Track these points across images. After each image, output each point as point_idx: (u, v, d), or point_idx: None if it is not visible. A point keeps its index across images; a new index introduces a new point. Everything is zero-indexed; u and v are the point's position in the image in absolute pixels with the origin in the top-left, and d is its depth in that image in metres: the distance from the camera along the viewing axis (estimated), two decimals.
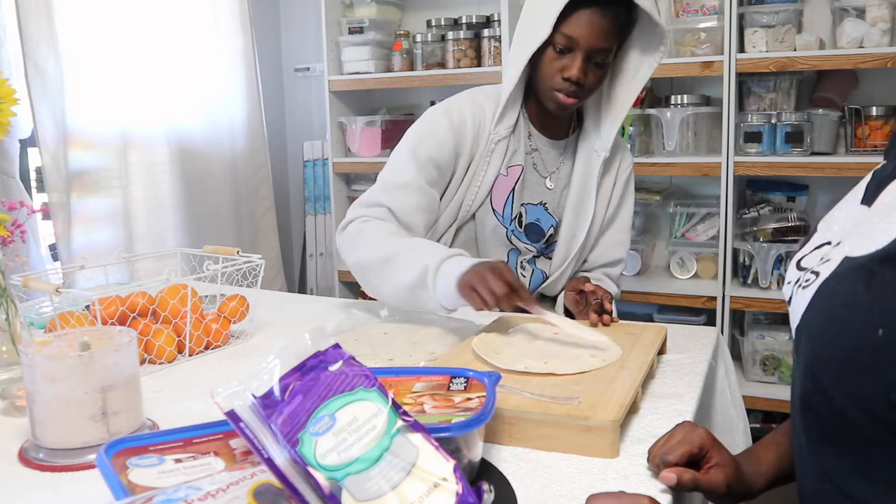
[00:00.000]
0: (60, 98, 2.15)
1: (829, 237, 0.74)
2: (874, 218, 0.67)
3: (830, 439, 0.67)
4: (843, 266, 0.65)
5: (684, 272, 2.52)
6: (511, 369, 1.00)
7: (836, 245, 0.70)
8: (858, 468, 0.65)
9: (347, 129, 2.89)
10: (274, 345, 1.26)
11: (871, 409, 0.61)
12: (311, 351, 0.66)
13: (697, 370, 1.10)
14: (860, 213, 0.70)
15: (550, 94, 1.38)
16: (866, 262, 0.62)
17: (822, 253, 0.72)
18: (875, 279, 0.60)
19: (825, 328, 0.64)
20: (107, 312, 1.15)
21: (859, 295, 0.61)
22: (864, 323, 0.60)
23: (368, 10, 2.82)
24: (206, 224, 2.70)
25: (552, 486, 0.78)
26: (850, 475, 0.66)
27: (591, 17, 1.30)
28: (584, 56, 1.32)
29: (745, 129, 2.28)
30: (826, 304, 0.65)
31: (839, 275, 0.65)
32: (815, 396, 0.67)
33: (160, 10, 2.48)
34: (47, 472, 0.82)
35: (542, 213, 1.51)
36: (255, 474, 0.61)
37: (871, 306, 0.60)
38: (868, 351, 0.59)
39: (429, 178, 1.42)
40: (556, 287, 1.56)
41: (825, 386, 0.65)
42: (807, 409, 0.69)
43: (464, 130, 1.43)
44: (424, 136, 1.44)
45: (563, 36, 1.32)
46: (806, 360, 0.67)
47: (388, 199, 1.38)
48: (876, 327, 0.59)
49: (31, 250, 2.08)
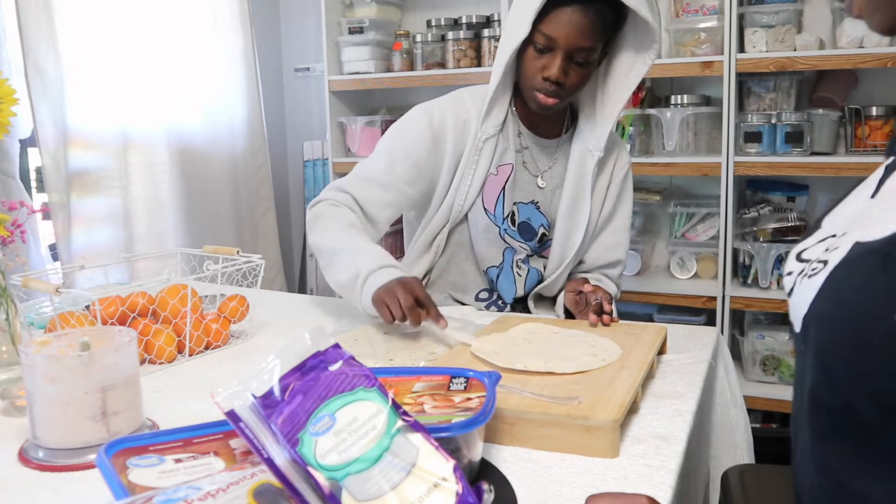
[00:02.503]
0: (60, 98, 2.14)
1: (834, 230, 0.73)
2: (883, 203, 0.66)
3: (837, 434, 0.66)
4: (855, 251, 0.63)
5: (684, 272, 2.51)
6: (511, 368, 1.00)
7: (843, 235, 0.69)
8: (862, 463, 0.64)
9: (347, 129, 2.90)
10: (274, 345, 1.26)
11: (883, 397, 0.60)
12: (311, 351, 0.66)
13: (697, 370, 1.10)
14: (866, 205, 0.70)
15: (531, 94, 1.38)
16: (882, 245, 0.61)
17: (828, 244, 0.71)
18: (891, 262, 0.59)
19: (837, 314, 0.62)
20: (107, 312, 1.15)
21: (875, 279, 0.60)
22: (878, 306, 0.58)
23: (368, 10, 2.82)
24: (206, 224, 2.70)
25: (552, 486, 0.78)
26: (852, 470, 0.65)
27: (570, 15, 1.29)
28: (563, 55, 1.32)
29: (745, 129, 2.28)
30: (838, 290, 0.63)
31: (851, 260, 0.63)
32: (823, 389, 0.65)
33: (160, 10, 2.48)
34: (47, 472, 0.82)
35: (533, 212, 1.51)
36: (255, 474, 0.61)
37: (885, 289, 0.58)
38: (883, 335, 0.58)
39: (402, 175, 1.44)
40: (554, 288, 1.55)
41: (836, 375, 0.63)
42: (816, 401, 0.67)
43: (444, 129, 1.44)
44: (400, 134, 1.47)
45: (542, 35, 1.31)
46: (816, 350, 0.65)
47: (355, 189, 1.44)
48: (892, 311, 0.57)
49: (31, 250, 2.08)
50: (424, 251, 1.53)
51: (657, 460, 0.83)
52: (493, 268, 1.53)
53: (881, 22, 0.70)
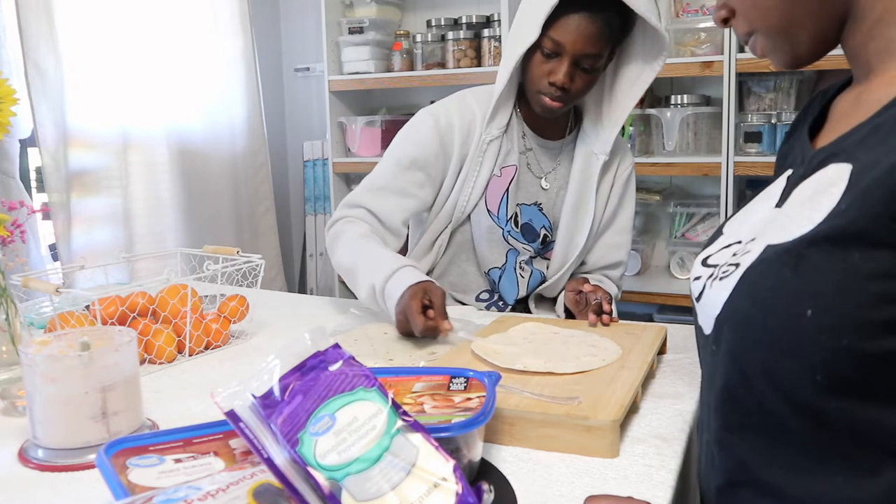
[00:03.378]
0: (60, 98, 2.15)
1: (738, 237, 0.75)
2: (793, 209, 0.68)
3: (750, 429, 0.68)
4: (768, 252, 0.65)
5: (684, 272, 2.51)
6: (510, 368, 1.00)
7: (751, 241, 0.71)
8: (776, 456, 0.66)
9: (347, 129, 2.90)
10: (274, 345, 1.26)
11: (795, 394, 0.62)
12: (311, 351, 0.66)
13: (697, 370, 1.10)
14: (775, 214, 0.72)
15: (537, 98, 1.38)
16: (794, 245, 0.63)
17: (735, 250, 0.73)
18: (802, 262, 0.61)
19: (751, 313, 0.65)
20: (107, 312, 1.15)
21: (787, 278, 0.62)
22: (792, 305, 0.61)
23: (368, 10, 2.82)
24: (206, 224, 2.70)
25: (552, 486, 0.78)
26: (767, 464, 0.67)
27: (578, 22, 1.30)
28: (570, 61, 1.32)
29: (745, 129, 2.28)
30: (752, 290, 0.65)
31: (765, 260, 0.65)
32: (738, 388, 0.67)
33: (160, 10, 2.48)
34: (47, 472, 0.82)
35: (535, 214, 1.51)
36: (255, 474, 0.61)
37: (799, 288, 0.61)
38: (795, 332, 0.60)
39: (413, 179, 1.44)
40: (556, 289, 1.56)
41: (749, 373, 0.65)
42: (728, 400, 0.69)
43: (451, 132, 1.44)
44: (408, 139, 1.47)
45: (550, 40, 1.32)
46: (730, 349, 0.67)
47: (368, 201, 1.44)
48: (805, 309, 0.60)
49: (31, 250, 2.08)
50: (426, 251, 1.53)
51: (657, 460, 0.83)
52: (496, 269, 1.53)
53: (782, 59, 0.75)
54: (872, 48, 0.70)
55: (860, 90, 0.73)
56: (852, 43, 0.72)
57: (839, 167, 0.65)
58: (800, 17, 0.71)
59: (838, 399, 0.61)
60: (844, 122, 0.71)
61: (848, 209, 0.60)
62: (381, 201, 1.44)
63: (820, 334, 0.59)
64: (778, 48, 0.75)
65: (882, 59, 0.69)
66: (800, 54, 0.74)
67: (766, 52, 0.76)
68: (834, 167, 0.66)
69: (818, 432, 0.63)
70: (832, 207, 0.62)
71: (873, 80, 0.70)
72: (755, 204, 0.79)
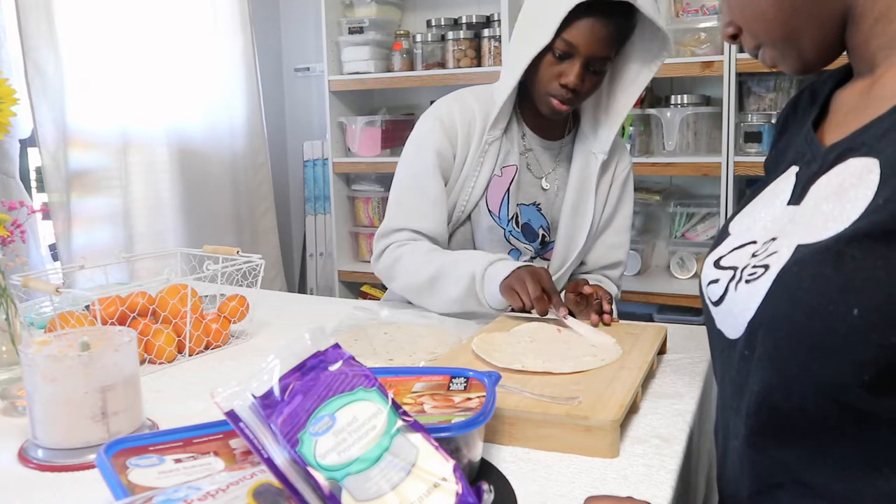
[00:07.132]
0: (60, 98, 2.15)
1: (752, 237, 0.74)
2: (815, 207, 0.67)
3: (789, 432, 0.67)
4: (802, 252, 0.64)
5: (684, 272, 2.51)
6: (510, 368, 1.00)
7: (772, 241, 0.70)
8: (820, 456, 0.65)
9: (347, 129, 2.90)
10: (274, 345, 1.26)
11: (840, 394, 0.61)
12: (310, 351, 0.66)
13: (697, 370, 1.10)
14: (792, 211, 0.71)
15: (545, 99, 1.38)
16: (831, 244, 0.62)
17: (753, 250, 0.72)
18: (844, 259, 0.60)
19: (792, 315, 0.63)
20: (107, 312, 1.15)
21: (829, 277, 0.61)
22: (836, 304, 0.59)
23: (368, 10, 2.82)
24: (206, 224, 2.70)
25: (552, 486, 0.78)
26: (810, 465, 0.66)
27: (592, 24, 1.30)
28: (582, 63, 1.33)
29: (745, 129, 2.28)
30: (790, 291, 0.64)
31: (800, 261, 0.64)
32: (775, 390, 0.66)
33: (160, 10, 2.48)
34: (47, 472, 0.82)
35: (534, 214, 1.51)
36: (255, 474, 0.61)
37: (843, 287, 0.60)
38: (842, 332, 0.59)
39: (437, 186, 1.45)
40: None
41: (789, 375, 0.64)
42: (764, 404, 0.68)
43: (455, 133, 1.45)
44: (421, 147, 1.47)
45: (563, 42, 1.32)
46: (767, 353, 0.66)
47: (405, 222, 1.44)
48: (850, 307, 0.59)
49: (31, 250, 2.08)
50: None
51: (657, 460, 0.83)
52: None
53: (791, 67, 0.77)
54: (875, 45, 0.70)
55: (866, 84, 0.72)
56: (854, 42, 0.72)
57: (862, 161, 0.64)
58: (800, 25, 0.72)
59: (886, 397, 0.60)
60: (853, 116, 0.71)
61: (886, 203, 0.59)
62: (418, 219, 1.43)
63: (869, 332, 0.58)
64: (786, 57, 0.76)
65: (888, 55, 0.69)
66: (808, 60, 0.75)
67: (776, 62, 0.77)
68: (855, 161, 0.65)
69: (865, 430, 0.62)
70: (868, 203, 0.61)
71: (881, 74, 0.70)
72: (760, 202, 0.78)
